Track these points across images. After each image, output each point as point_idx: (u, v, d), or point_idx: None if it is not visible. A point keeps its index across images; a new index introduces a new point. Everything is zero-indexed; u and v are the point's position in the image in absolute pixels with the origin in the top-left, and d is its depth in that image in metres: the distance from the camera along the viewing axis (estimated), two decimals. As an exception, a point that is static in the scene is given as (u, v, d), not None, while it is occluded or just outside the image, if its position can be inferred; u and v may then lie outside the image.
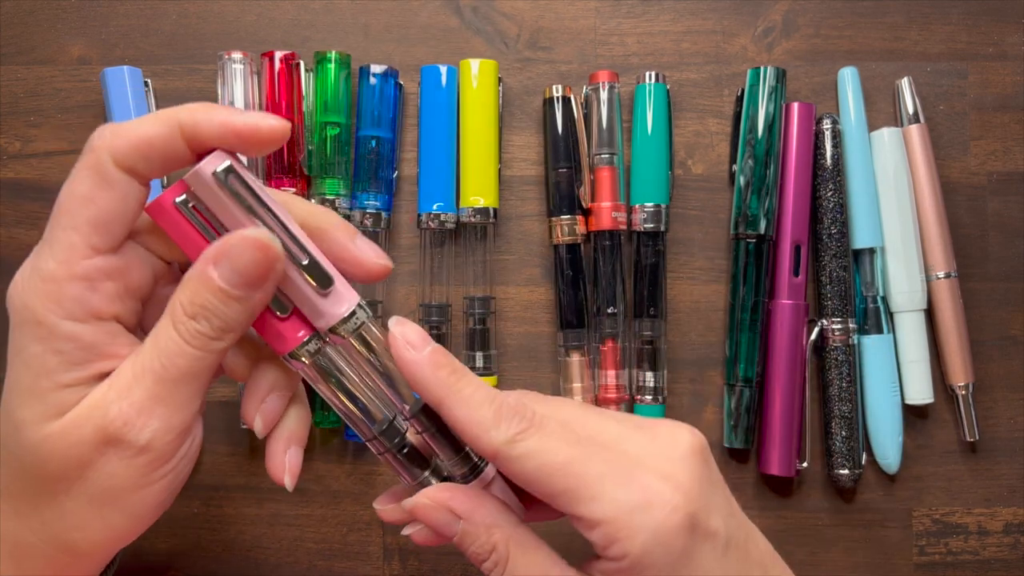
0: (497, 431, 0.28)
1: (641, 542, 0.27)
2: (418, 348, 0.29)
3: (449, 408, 0.29)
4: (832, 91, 0.46)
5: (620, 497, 0.28)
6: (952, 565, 0.45)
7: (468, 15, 0.47)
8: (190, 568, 0.45)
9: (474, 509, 0.30)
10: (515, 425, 0.29)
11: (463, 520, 0.30)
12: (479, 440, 0.29)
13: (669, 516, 0.28)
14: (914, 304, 0.45)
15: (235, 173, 0.28)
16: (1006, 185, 0.46)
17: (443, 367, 0.29)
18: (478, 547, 0.30)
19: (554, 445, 0.29)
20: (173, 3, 0.47)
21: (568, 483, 0.28)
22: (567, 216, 0.44)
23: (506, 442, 0.28)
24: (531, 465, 0.28)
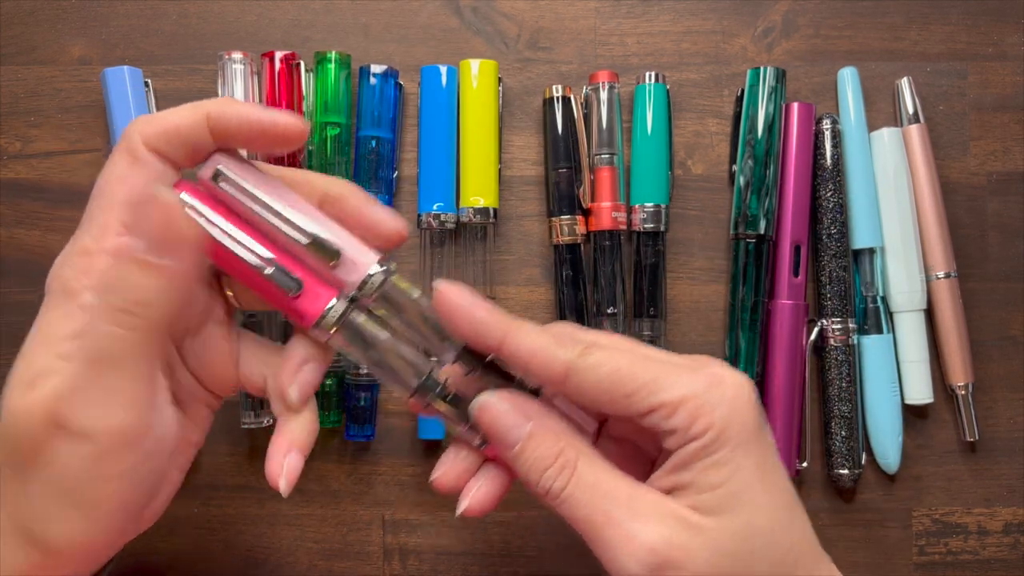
0: (563, 350, 0.30)
1: (722, 412, 0.29)
2: (467, 298, 0.31)
3: (514, 339, 0.30)
4: (832, 91, 0.46)
5: (694, 381, 0.29)
6: (952, 565, 0.45)
7: (468, 15, 0.47)
8: (190, 568, 0.45)
9: (543, 413, 0.31)
10: (577, 344, 0.30)
11: (532, 423, 0.31)
12: (551, 361, 0.30)
13: (740, 389, 0.30)
14: (914, 304, 0.45)
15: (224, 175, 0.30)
16: (1006, 185, 0.46)
17: (495, 310, 0.31)
18: (544, 451, 0.30)
19: (620, 353, 0.30)
20: (173, 3, 0.47)
21: (643, 379, 0.29)
22: (567, 216, 0.44)
23: (577, 355, 0.30)
24: (604, 371, 0.30)
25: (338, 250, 0.30)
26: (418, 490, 0.46)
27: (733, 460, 0.29)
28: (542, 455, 0.30)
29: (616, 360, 0.30)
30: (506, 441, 0.31)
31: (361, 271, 0.31)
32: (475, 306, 0.31)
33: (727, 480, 0.29)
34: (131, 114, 0.44)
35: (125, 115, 0.44)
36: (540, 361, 0.30)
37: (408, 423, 0.46)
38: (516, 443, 0.30)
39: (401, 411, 0.46)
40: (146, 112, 0.45)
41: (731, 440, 0.29)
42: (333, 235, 0.31)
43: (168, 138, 0.29)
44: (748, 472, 0.29)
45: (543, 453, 0.30)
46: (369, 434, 0.45)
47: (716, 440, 0.29)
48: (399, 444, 0.46)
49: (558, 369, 0.30)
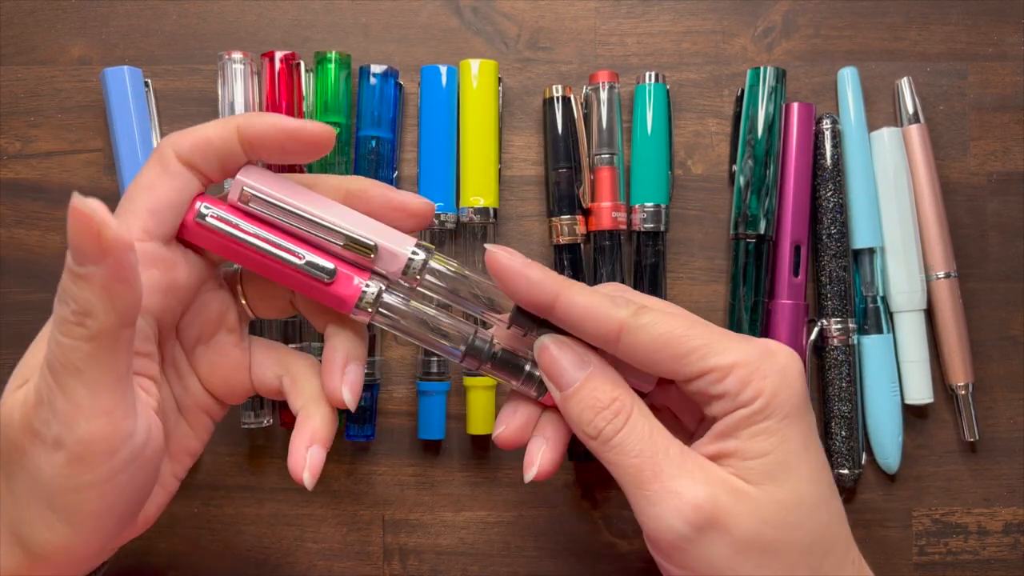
0: (618, 309, 0.30)
1: (773, 382, 0.29)
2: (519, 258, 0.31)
3: (567, 297, 0.31)
4: (832, 91, 0.46)
5: (747, 347, 0.30)
6: (952, 565, 0.45)
7: (468, 15, 0.47)
8: (190, 568, 0.45)
9: (602, 361, 0.32)
10: (630, 305, 0.31)
11: (592, 367, 0.31)
12: (605, 318, 0.30)
13: (791, 361, 0.30)
14: (914, 304, 0.45)
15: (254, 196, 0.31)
16: (1006, 185, 0.46)
17: (548, 270, 0.31)
18: (601, 393, 0.31)
19: (673, 316, 0.31)
20: (173, 3, 0.47)
21: (696, 341, 0.30)
22: (567, 216, 0.44)
23: (631, 314, 0.30)
24: (658, 331, 0.30)
25: (374, 244, 0.32)
26: (418, 490, 0.46)
27: (781, 430, 0.29)
28: (599, 397, 0.31)
29: (669, 322, 0.30)
30: (563, 380, 0.31)
31: (401, 259, 0.32)
32: (528, 266, 0.31)
33: (774, 449, 0.29)
34: (131, 114, 0.44)
35: (125, 115, 0.44)
36: (594, 319, 0.30)
37: (408, 423, 0.46)
38: (573, 383, 0.31)
39: (401, 411, 0.46)
40: (146, 112, 0.45)
41: (780, 410, 0.29)
42: (367, 230, 0.32)
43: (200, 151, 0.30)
44: (795, 443, 0.29)
45: (599, 396, 0.31)
46: (369, 434, 0.45)
47: (765, 408, 0.29)
48: (399, 444, 0.46)
49: (612, 327, 0.30)
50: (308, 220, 0.32)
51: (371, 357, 0.45)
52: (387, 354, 0.46)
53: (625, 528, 0.45)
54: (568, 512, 0.45)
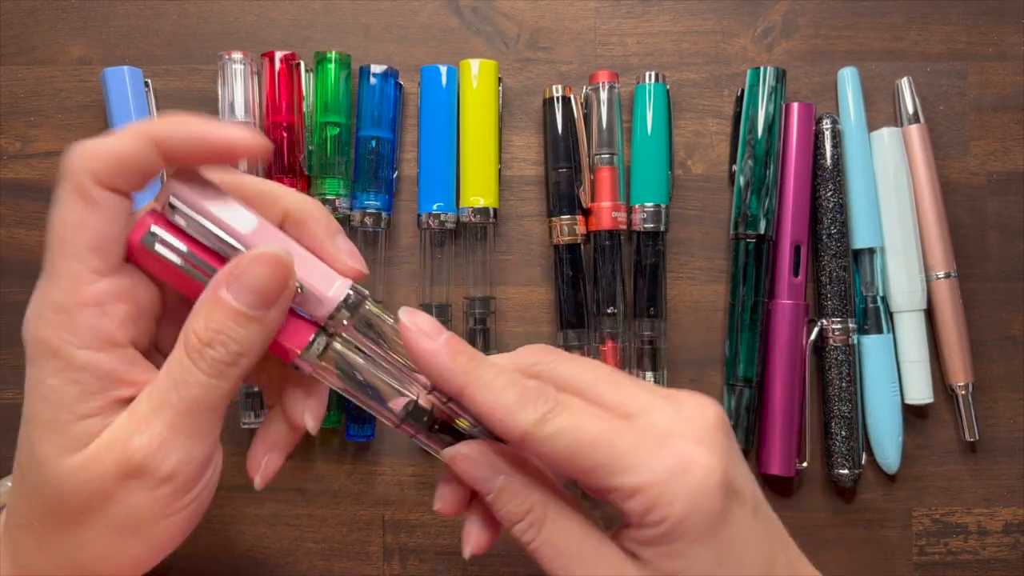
0: (524, 413, 0.28)
1: (680, 506, 0.27)
2: (433, 337, 0.29)
3: (471, 395, 0.29)
4: (832, 91, 0.46)
5: (656, 464, 0.28)
6: (952, 565, 0.45)
7: (468, 15, 0.47)
8: (190, 568, 0.45)
9: (515, 465, 0.30)
10: (540, 406, 0.28)
11: (503, 476, 0.30)
12: (506, 424, 0.28)
13: (706, 478, 0.28)
14: (914, 304, 0.45)
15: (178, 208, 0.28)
16: (1006, 185, 0.46)
17: (460, 354, 0.29)
18: (515, 506, 0.30)
19: (583, 421, 0.28)
20: (173, 3, 0.47)
21: (602, 456, 0.28)
22: (567, 216, 0.44)
23: (534, 423, 0.28)
24: (562, 443, 0.28)
25: (299, 284, 0.28)
26: (418, 490, 0.45)
27: (689, 553, 0.28)
28: (512, 510, 0.30)
29: (577, 430, 0.28)
30: (480, 490, 0.30)
31: (328, 304, 0.29)
32: (434, 353, 0.29)
33: (682, 571, 0.28)
34: (131, 114, 0.44)
35: (125, 115, 0.44)
36: (497, 423, 0.29)
37: (408, 423, 0.46)
38: (489, 493, 0.30)
39: (401, 411, 0.46)
40: (146, 112, 0.45)
41: (688, 533, 0.28)
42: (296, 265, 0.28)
43: (118, 171, 0.27)
44: (705, 565, 0.28)
45: (513, 508, 0.30)
46: (369, 434, 0.45)
47: (671, 532, 0.28)
48: (399, 444, 0.46)
49: (515, 433, 0.28)
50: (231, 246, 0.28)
51: (371, 357, 0.45)
52: (387, 354, 0.46)
53: (625, 528, 0.45)
54: (568, 512, 0.45)
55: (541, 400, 0.28)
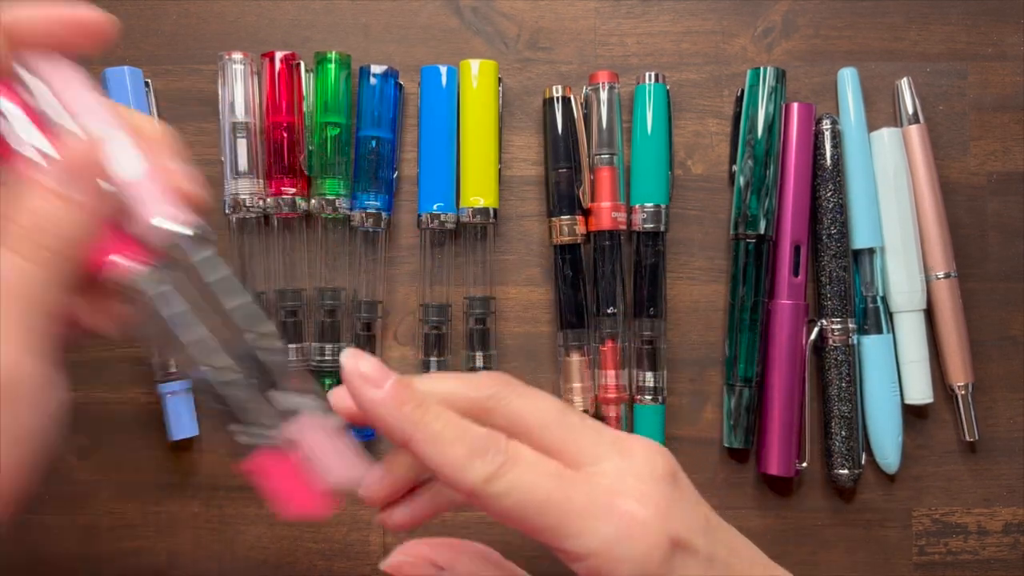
0: (472, 470, 0.27)
1: (632, 566, 0.27)
2: (378, 383, 0.28)
3: (418, 448, 0.28)
4: (832, 91, 0.46)
5: (602, 530, 0.27)
6: (952, 565, 0.45)
7: (468, 15, 0.47)
8: (190, 568, 0.45)
9: (455, 558, 0.31)
10: (490, 461, 0.28)
11: (445, 570, 0.31)
12: (453, 480, 0.28)
13: (651, 544, 0.28)
14: (914, 304, 0.45)
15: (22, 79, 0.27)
16: (1006, 185, 0.46)
17: (407, 402, 0.28)
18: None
19: (532, 479, 0.28)
20: (173, 3, 0.47)
21: (550, 520, 0.28)
22: (567, 216, 0.44)
23: (483, 481, 0.27)
24: (510, 502, 0.28)
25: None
26: (418, 490, 0.45)
27: None
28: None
29: (525, 492, 0.27)
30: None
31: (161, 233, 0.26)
32: (378, 404, 0.28)
33: None
34: None
35: (125, 115, 0.44)
36: (444, 477, 0.28)
37: (408, 423, 0.46)
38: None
39: (401, 411, 0.46)
40: (146, 112, 0.45)
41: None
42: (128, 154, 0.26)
43: None
44: None
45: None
46: (369, 434, 0.45)
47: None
48: (399, 444, 0.46)
49: (463, 490, 0.28)
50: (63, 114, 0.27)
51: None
52: (387, 354, 0.46)
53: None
54: (568, 512, 0.45)
55: (490, 454, 0.28)
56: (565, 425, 0.30)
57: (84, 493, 0.45)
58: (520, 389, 0.31)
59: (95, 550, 0.45)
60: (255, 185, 0.44)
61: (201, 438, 0.45)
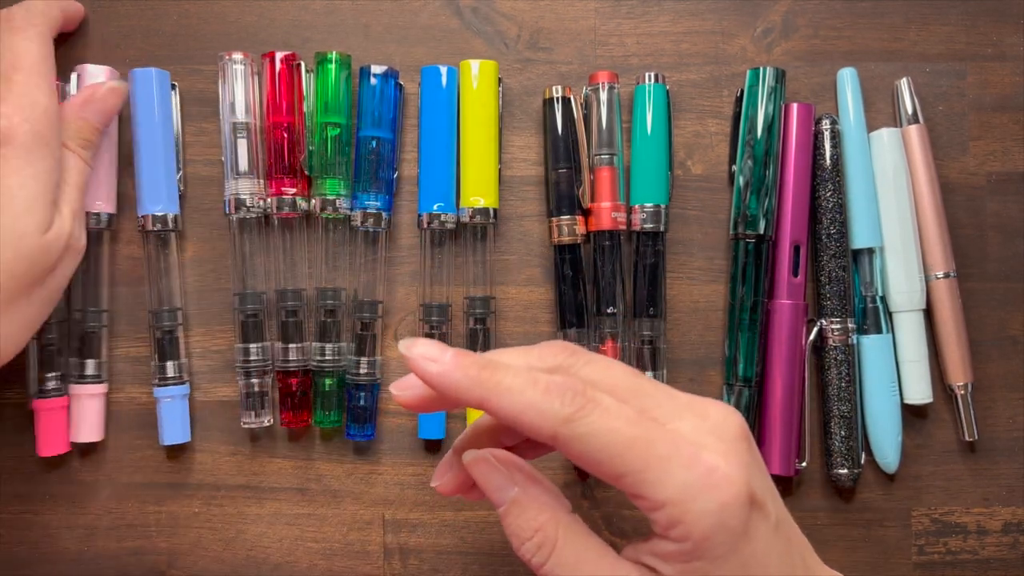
0: (551, 410, 0.28)
1: (705, 524, 0.27)
2: (438, 360, 0.28)
3: (494, 403, 0.28)
4: (831, 91, 0.46)
5: (685, 479, 0.27)
6: (951, 564, 0.45)
7: (468, 16, 0.47)
8: (190, 568, 0.45)
9: (531, 481, 0.30)
10: (569, 402, 0.28)
11: (518, 488, 0.29)
12: (535, 425, 0.28)
13: (732, 497, 0.27)
14: (913, 304, 0.45)
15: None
16: (1005, 185, 0.46)
17: (471, 366, 0.28)
18: (525, 522, 0.29)
19: (613, 423, 0.28)
20: (173, 3, 0.47)
21: (634, 464, 0.27)
22: (567, 216, 0.44)
23: (563, 421, 0.27)
24: (591, 445, 0.27)
25: None
26: (418, 490, 0.46)
27: (710, 571, 0.28)
28: (521, 526, 0.29)
29: (609, 434, 0.27)
30: (493, 500, 0.30)
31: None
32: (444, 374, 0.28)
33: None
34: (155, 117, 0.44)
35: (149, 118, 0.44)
36: (527, 424, 0.28)
37: (408, 423, 0.46)
38: (502, 504, 0.30)
39: (401, 411, 0.46)
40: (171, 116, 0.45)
41: (711, 552, 0.27)
42: None
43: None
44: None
45: (524, 525, 0.29)
46: (369, 434, 0.45)
47: (695, 550, 0.27)
48: (399, 444, 0.46)
49: (546, 434, 0.28)
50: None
51: (371, 357, 0.45)
52: (387, 354, 0.46)
53: (625, 528, 0.45)
54: (568, 512, 0.45)
55: (569, 394, 0.28)
56: (638, 388, 0.30)
57: (84, 493, 0.45)
58: (587, 356, 0.31)
59: (95, 550, 0.45)
60: (255, 185, 0.44)
61: (201, 438, 0.45)
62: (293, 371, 0.45)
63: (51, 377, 0.43)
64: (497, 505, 0.30)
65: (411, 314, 0.46)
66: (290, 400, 0.45)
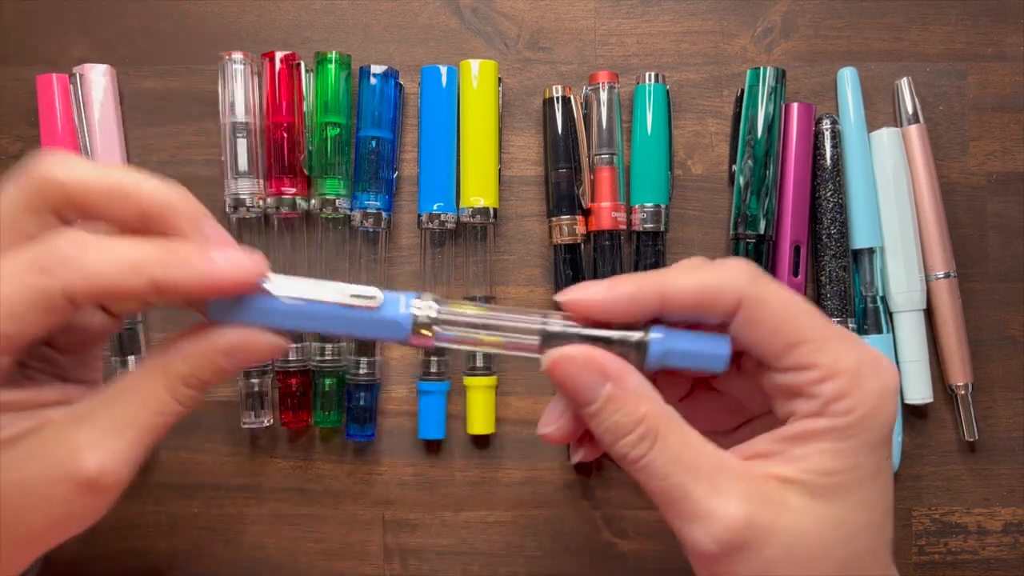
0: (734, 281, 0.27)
1: (871, 403, 0.27)
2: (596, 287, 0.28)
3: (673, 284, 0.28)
4: (832, 91, 0.46)
5: (859, 355, 0.28)
6: (951, 565, 0.45)
7: (468, 16, 0.47)
8: (190, 568, 0.45)
9: (625, 373, 0.28)
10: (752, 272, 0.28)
11: (612, 382, 0.28)
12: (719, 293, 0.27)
13: (895, 387, 0.28)
14: (913, 304, 0.45)
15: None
16: (1005, 185, 0.46)
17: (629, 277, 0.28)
18: (623, 416, 0.27)
19: (794, 296, 0.28)
20: (173, 3, 0.47)
21: (813, 331, 0.27)
22: (567, 216, 0.44)
23: (751, 281, 0.28)
24: (776, 308, 0.27)
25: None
26: (418, 490, 0.46)
27: (856, 456, 0.27)
28: (620, 421, 0.27)
29: (790, 302, 0.28)
30: (582, 399, 0.28)
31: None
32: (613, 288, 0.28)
33: (840, 472, 0.27)
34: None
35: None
36: (711, 293, 0.27)
37: (408, 423, 0.46)
38: (592, 403, 0.28)
39: (401, 411, 0.46)
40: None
41: (863, 434, 0.27)
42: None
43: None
44: (864, 472, 0.27)
45: (622, 419, 0.27)
46: (369, 434, 0.45)
47: (851, 428, 0.27)
48: (399, 444, 0.46)
49: (728, 303, 0.27)
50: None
51: (371, 357, 0.45)
52: (387, 354, 0.46)
53: (625, 528, 0.45)
54: (568, 512, 0.45)
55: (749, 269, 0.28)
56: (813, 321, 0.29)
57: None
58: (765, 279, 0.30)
59: (95, 550, 0.45)
60: (255, 185, 0.44)
61: (201, 438, 0.45)
62: (293, 371, 0.44)
63: None
64: (586, 404, 0.28)
65: (411, 314, 0.46)
66: (290, 400, 0.45)
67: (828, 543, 0.27)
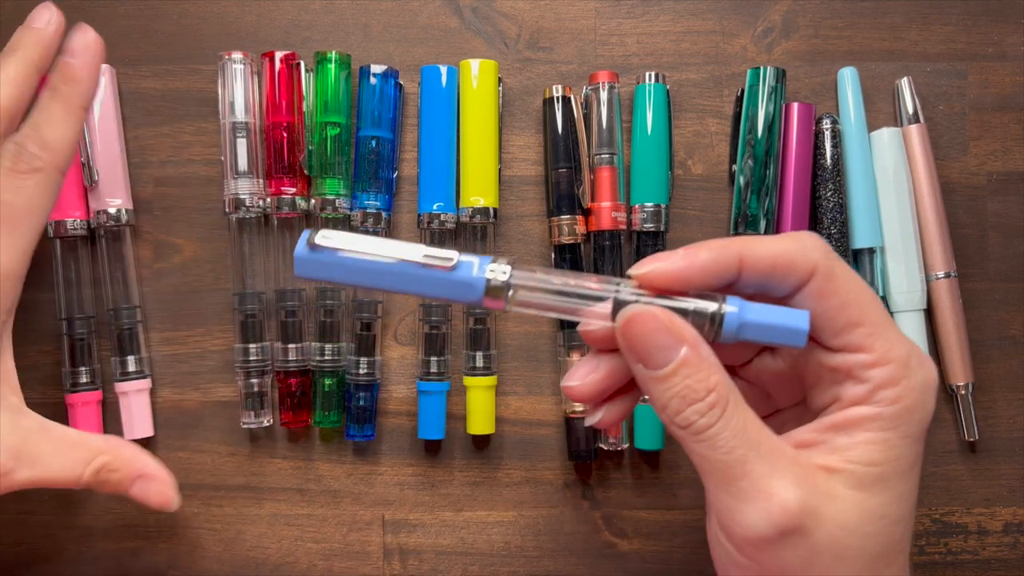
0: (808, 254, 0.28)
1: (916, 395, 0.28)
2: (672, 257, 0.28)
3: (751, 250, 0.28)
4: (832, 91, 0.46)
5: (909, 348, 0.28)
6: (952, 565, 0.45)
7: (468, 15, 0.47)
8: (190, 568, 0.45)
9: (699, 341, 0.28)
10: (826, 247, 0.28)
11: (687, 347, 0.27)
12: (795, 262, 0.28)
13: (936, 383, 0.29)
14: (914, 304, 0.45)
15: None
16: (1005, 185, 0.46)
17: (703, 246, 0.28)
18: (696, 382, 0.27)
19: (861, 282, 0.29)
20: (173, 3, 0.47)
21: (873, 316, 0.28)
22: (567, 216, 0.44)
23: (825, 256, 0.28)
24: (843, 287, 0.28)
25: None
26: (418, 490, 0.46)
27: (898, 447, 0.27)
28: (693, 387, 0.27)
29: (858, 284, 0.28)
30: (653, 361, 0.27)
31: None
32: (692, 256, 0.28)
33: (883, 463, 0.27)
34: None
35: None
36: (785, 262, 0.28)
37: (408, 423, 0.46)
38: (664, 365, 0.27)
39: (401, 411, 0.46)
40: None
41: (906, 426, 0.27)
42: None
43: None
44: (904, 463, 0.28)
45: (695, 385, 0.27)
46: (369, 434, 0.45)
47: (896, 418, 0.27)
48: (399, 444, 0.46)
49: (804, 269, 0.27)
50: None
51: (371, 357, 0.45)
52: (387, 354, 0.46)
53: (625, 528, 0.45)
54: (568, 512, 0.45)
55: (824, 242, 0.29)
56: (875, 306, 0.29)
57: (84, 493, 0.45)
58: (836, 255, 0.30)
59: (95, 550, 0.45)
60: (255, 185, 0.44)
61: (201, 438, 0.45)
62: (293, 371, 0.44)
63: (83, 371, 0.44)
64: (658, 367, 0.27)
65: (411, 314, 0.46)
66: (290, 400, 0.45)
67: (868, 534, 0.28)
